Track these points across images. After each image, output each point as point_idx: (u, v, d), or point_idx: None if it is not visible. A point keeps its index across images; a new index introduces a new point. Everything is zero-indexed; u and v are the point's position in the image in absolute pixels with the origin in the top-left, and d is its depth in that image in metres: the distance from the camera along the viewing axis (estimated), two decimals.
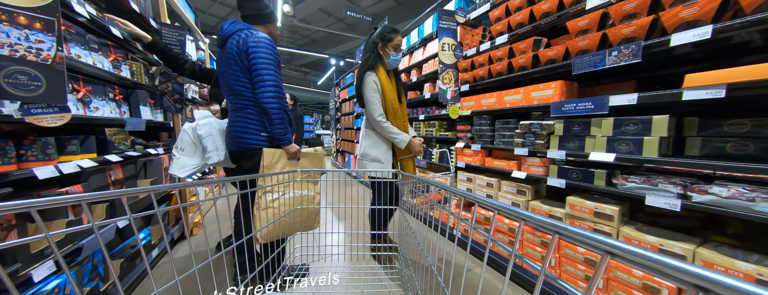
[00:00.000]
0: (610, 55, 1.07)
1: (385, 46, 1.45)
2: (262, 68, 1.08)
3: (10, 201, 0.35)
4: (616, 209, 1.11)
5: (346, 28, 8.90)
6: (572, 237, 0.27)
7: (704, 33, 0.83)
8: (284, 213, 1.13)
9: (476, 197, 0.43)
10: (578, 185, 1.23)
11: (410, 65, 2.71)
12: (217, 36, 1.17)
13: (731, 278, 0.17)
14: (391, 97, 1.46)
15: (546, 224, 0.31)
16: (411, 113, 2.78)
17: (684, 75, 1.10)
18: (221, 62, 1.18)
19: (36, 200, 0.36)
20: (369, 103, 1.45)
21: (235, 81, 1.13)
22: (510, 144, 1.61)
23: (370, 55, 1.48)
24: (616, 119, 1.09)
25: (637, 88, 1.29)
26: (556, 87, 1.32)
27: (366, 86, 1.45)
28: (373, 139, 1.54)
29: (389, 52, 1.46)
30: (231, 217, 0.83)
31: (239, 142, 1.18)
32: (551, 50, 1.32)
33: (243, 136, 1.17)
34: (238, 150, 1.20)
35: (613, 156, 1.08)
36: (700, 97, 0.85)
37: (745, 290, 0.16)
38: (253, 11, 1.19)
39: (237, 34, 1.12)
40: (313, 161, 1.30)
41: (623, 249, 0.22)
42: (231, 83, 1.14)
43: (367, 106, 1.46)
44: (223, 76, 1.17)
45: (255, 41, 1.08)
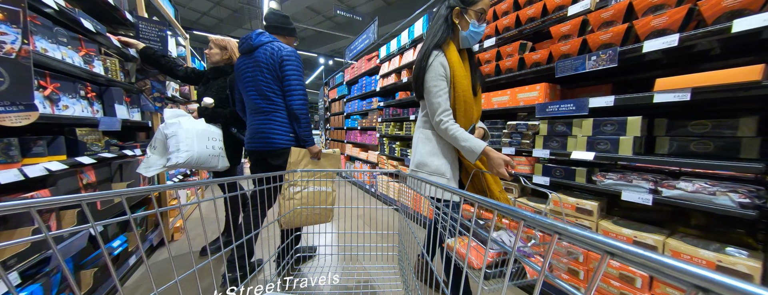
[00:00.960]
0: (590, 59, 1.13)
1: (465, 12, 0.99)
2: (293, 79, 1.28)
3: (9, 201, 0.35)
4: (596, 204, 1.18)
5: (335, 27, 8.80)
6: (572, 237, 0.27)
7: (672, 40, 0.91)
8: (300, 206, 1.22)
9: (476, 197, 0.44)
10: (561, 182, 1.30)
11: (401, 66, 2.73)
12: (244, 43, 1.32)
13: (731, 278, 0.17)
14: (464, 88, 0.99)
15: (546, 224, 0.30)
16: (402, 113, 2.81)
17: (655, 79, 1.19)
18: (247, 67, 1.31)
19: (36, 200, 0.36)
20: (431, 94, 0.99)
21: (265, 87, 1.29)
22: (498, 143, 1.66)
23: (441, 25, 1.01)
24: (595, 120, 1.16)
25: (612, 91, 1.38)
26: (541, 89, 1.38)
27: (430, 71, 0.99)
28: (433, 144, 1.05)
29: (469, 21, 1.00)
30: (217, 219, 0.82)
31: (269, 142, 1.32)
32: (536, 54, 1.38)
33: (273, 136, 1.32)
34: (267, 149, 1.34)
35: (593, 155, 1.14)
36: (668, 100, 0.92)
37: (745, 290, 0.16)
38: (279, 24, 1.38)
39: (268, 46, 1.28)
40: (331, 160, 1.44)
41: (623, 249, 0.22)
42: (261, 88, 1.29)
43: (428, 98, 1.01)
44: (251, 80, 1.30)
45: (288, 55, 1.28)
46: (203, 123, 1.61)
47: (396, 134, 2.81)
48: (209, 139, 1.56)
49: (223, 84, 1.72)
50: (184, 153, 1.39)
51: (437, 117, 0.99)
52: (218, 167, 1.61)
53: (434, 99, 0.99)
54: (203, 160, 1.50)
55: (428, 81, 1.00)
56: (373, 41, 3.51)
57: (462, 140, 0.96)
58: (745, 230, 1.02)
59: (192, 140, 1.46)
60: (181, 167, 1.43)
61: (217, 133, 1.63)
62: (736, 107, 1.01)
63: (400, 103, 2.84)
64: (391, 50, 2.94)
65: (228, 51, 1.71)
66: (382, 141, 3.14)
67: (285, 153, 1.31)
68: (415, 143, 1.13)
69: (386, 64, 3.07)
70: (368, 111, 3.57)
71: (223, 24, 8.64)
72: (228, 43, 1.72)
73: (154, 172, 1.37)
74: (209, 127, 1.60)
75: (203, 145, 1.51)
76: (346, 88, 4.41)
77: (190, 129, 1.49)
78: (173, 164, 1.37)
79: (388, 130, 2.92)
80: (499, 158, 0.92)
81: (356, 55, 4.11)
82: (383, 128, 3.04)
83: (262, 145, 1.33)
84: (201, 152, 1.47)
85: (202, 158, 1.48)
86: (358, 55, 4.03)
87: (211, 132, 1.59)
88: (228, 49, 1.71)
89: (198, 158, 1.46)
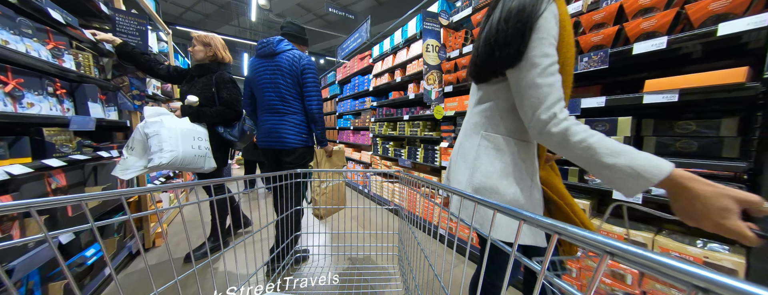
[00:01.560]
0: (582, 60, 1.15)
1: None
2: (312, 86, 1.43)
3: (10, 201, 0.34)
4: (588, 203, 1.20)
5: (326, 26, 8.69)
6: (572, 237, 0.27)
7: (660, 43, 0.93)
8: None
9: (476, 197, 0.42)
10: None
11: (394, 65, 2.71)
12: (264, 48, 1.42)
13: (731, 278, 0.17)
14: (572, 62, 0.60)
15: (546, 224, 0.30)
16: (396, 113, 2.79)
17: (643, 80, 1.22)
18: (266, 69, 1.42)
19: (36, 200, 0.35)
20: (534, 71, 0.52)
21: (285, 90, 1.41)
22: None
23: None
24: (587, 120, 1.18)
25: (601, 92, 1.42)
26: None
27: (539, 30, 0.52)
28: (508, 159, 0.63)
29: None
30: (203, 223, 0.78)
31: (282, 141, 1.44)
32: None
33: (287, 136, 1.44)
34: (279, 148, 1.46)
35: None
36: (657, 101, 0.95)
37: (745, 290, 0.16)
38: (296, 33, 1.52)
39: (290, 53, 1.40)
40: (339, 155, 1.76)
41: (623, 249, 0.23)
42: (281, 91, 1.41)
43: (525, 77, 0.53)
44: (271, 82, 1.41)
45: (308, 64, 1.42)
46: (188, 122, 1.53)
47: (389, 134, 2.79)
48: (195, 138, 1.49)
49: (208, 82, 1.65)
50: (167, 153, 1.32)
51: (547, 112, 0.51)
52: (204, 169, 1.53)
53: (541, 79, 0.52)
54: (189, 160, 1.42)
55: (533, 47, 0.52)
56: (365, 40, 3.47)
57: (608, 154, 0.47)
58: None
59: (176, 140, 1.39)
60: (165, 168, 1.36)
61: (203, 132, 1.55)
62: (718, 109, 1.05)
63: (394, 103, 2.82)
64: (384, 49, 2.91)
65: (212, 48, 1.64)
66: (375, 141, 3.11)
67: (296, 152, 1.45)
68: (473, 154, 0.65)
69: (379, 63, 3.04)
70: (361, 111, 3.53)
71: (209, 20, 8.34)
72: (212, 39, 1.65)
73: (132, 174, 1.29)
74: (194, 127, 1.52)
75: (188, 145, 1.43)
76: (338, 87, 4.35)
77: (174, 128, 1.42)
78: (156, 164, 1.29)
79: (382, 131, 2.89)
80: (722, 196, 0.39)
81: (348, 54, 4.06)
82: (376, 128, 3.01)
83: (276, 144, 1.46)
84: (186, 152, 1.40)
85: (188, 158, 1.41)
86: (351, 54, 3.98)
87: (196, 131, 1.51)
88: (212, 46, 1.64)
89: (183, 159, 1.38)
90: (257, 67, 1.44)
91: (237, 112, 1.65)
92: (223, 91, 1.61)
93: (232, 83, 1.67)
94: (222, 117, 1.62)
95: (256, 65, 1.45)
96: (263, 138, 1.48)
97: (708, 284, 0.17)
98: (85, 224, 0.42)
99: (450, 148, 1.97)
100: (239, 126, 1.68)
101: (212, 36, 1.67)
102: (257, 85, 1.45)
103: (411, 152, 2.46)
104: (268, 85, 1.42)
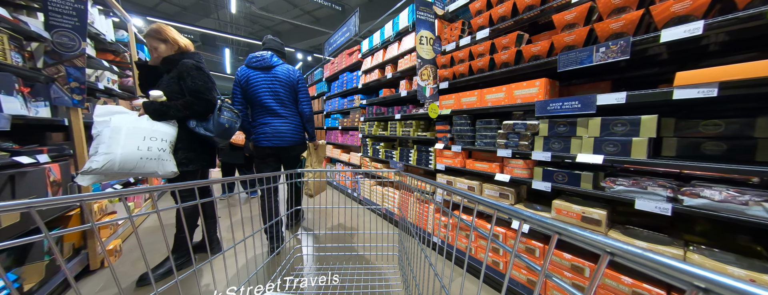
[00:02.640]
0: (598, 51, 1.01)
1: None
2: (305, 94, 1.77)
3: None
4: (604, 212, 1.06)
5: (313, 22, 8.37)
6: (572, 237, 0.27)
7: (696, 28, 0.79)
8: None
9: (476, 197, 0.43)
10: (564, 188, 1.17)
11: (384, 60, 2.52)
12: (260, 62, 1.67)
13: (730, 278, 0.18)
14: None
15: (546, 225, 0.30)
16: (387, 112, 2.60)
17: (657, 76, 1.10)
18: (265, 80, 1.67)
19: (36, 200, 0.36)
20: None
21: (285, 97, 1.70)
22: (492, 145, 1.52)
23: None
24: (604, 119, 1.04)
25: (612, 89, 1.29)
26: (541, 85, 1.25)
27: None
28: None
29: None
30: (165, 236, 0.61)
31: (287, 139, 1.71)
32: (535, 46, 1.25)
33: (290, 136, 1.72)
34: (284, 145, 1.71)
35: (602, 158, 1.02)
36: (691, 96, 0.81)
37: (745, 290, 0.17)
38: (280, 49, 1.81)
39: (283, 66, 1.71)
40: (322, 147, 2.06)
41: (623, 249, 0.23)
42: (281, 98, 1.69)
43: None
44: (270, 91, 1.67)
45: (300, 76, 1.75)
46: (145, 120, 1.30)
47: (380, 135, 2.60)
48: (146, 138, 1.25)
49: (173, 75, 1.43)
50: (100, 156, 1.12)
51: None
52: (159, 173, 1.29)
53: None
54: (132, 164, 1.18)
55: None
56: (354, 34, 3.26)
57: None
58: (751, 238, 0.96)
59: (117, 140, 1.17)
60: (99, 173, 1.12)
61: (164, 132, 1.32)
62: (751, 106, 0.94)
63: (384, 101, 2.63)
64: (374, 44, 2.72)
65: (171, 41, 1.45)
66: (364, 142, 2.91)
67: (296, 146, 1.77)
68: None
69: (369, 59, 2.84)
70: (350, 110, 3.32)
71: (186, 12, 7.80)
72: (167, 33, 1.45)
73: (88, 181, 1.14)
74: (152, 125, 1.30)
75: (133, 146, 1.20)
76: (325, 85, 4.11)
77: (120, 127, 1.20)
78: (86, 169, 1.10)
79: (371, 131, 2.70)
80: None
81: (336, 49, 3.83)
82: (366, 128, 2.81)
83: (281, 142, 1.69)
84: (128, 155, 1.16)
85: (130, 161, 1.17)
86: (338, 50, 3.75)
87: (151, 130, 1.28)
88: (170, 40, 1.44)
89: (123, 162, 1.15)
90: (254, 77, 1.65)
91: (206, 101, 1.43)
92: (188, 79, 1.39)
93: (197, 70, 1.43)
94: (190, 109, 1.40)
95: (252, 75, 1.66)
96: (269, 138, 1.68)
97: (708, 284, 0.18)
98: None
99: (446, 150, 1.81)
100: (214, 119, 1.45)
101: (165, 28, 1.46)
102: (255, 92, 1.65)
103: (403, 154, 2.28)
104: (268, 93, 1.66)
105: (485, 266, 0.40)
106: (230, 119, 1.53)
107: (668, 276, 0.20)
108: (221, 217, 2.48)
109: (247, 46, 9.73)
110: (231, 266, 1.39)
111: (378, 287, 1.19)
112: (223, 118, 1.49)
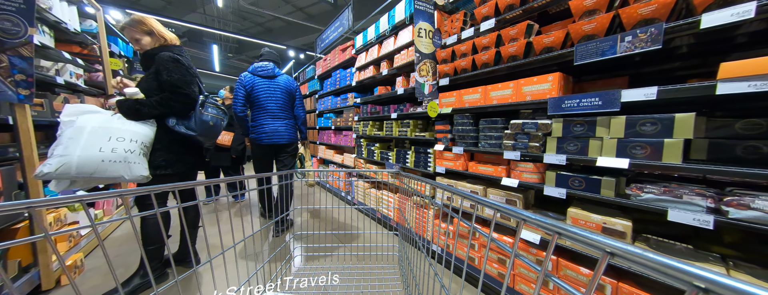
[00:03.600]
0: (623, 40, 0.89)
1: None
2: (300, 100, 2.13)
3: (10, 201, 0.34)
4: (629, 223, 0.94)
5: (307, 19, 8.14)
6: (572, 237, 0.27)
7: (746, 11, 0.68)
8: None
9: (476, 197, 0.41)
10: (581, 195, 1.05)
11: (380, 56, 2.38)
12: (265, 71, 1.96)
13: (730, 279, 0.17)
14: None
15: (546, 224, 0.30)
16: (382, 111, 2.45)
17: (679, 71, 0.98)
18: (269, 87, 1.96)
19: (36, 199, 0.35)
20: None
21: (284, 103, 2.01)
22: (498, 147, 1.39)
23: None
24: (630, 118, 0.92)
25: (629, 85, 1.18)
26: (554, 80, 1.13)
27: None
28: None
29: None
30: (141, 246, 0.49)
31: (286, 137, 2.00)
32: (548, 36, 1.12)
33: (288, 134, 2.02)
34: (282, 142, 1.99)
35: (627, 161, 0.90)
36: (740, 91, 0.69)
37: (745, 290, 0.17)
38: (278, 60, 2.11)
39: (284, 76, 2.05)
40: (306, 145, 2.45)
41: (624, 249, 0.23)
42: (281, 103, 2.00)
43: None
44: (273, 97, 1.96)
45: (297, 85, 2.12)
46: (115, 120, 1.17)
47: (375, 135, 2.45)
48: (112, 139, 1.12)
49: (152, 70, 1.30)
50: (55, 159, 0.99)
51: None
52: (126, 178, 1.12)
53: None
54: (91, 168, 1.04)
55: None
56: (347, 29, 3.10)
57: None
58: None
59: (77, 141, 1.05)
60: (54, 178, 1.00)
61: (135, 132, 1.18)
62: None
63: (380, 99, 2.48)
64: (368, 39, 2.57)
65: (156, 33, 1.34)
66: (359, 142, 2.75)
67: (292, 144, 2.06)
68: None
69: (363, 54, 2.69)
70: (343, 109, 3.15)
71: (171, 6, 7.46)
72: (151, 25, 1.33)
73: (61, 187, 1.08)
74: (123, 125, 1.16)
75: (95, 148, 1.06)
76: (318, 83, 3.93)
77: (83, 127, 1.08)
78: (38, 174, 0.97)
79: (366, 131, 2.55)
80: None
81: (328, 45, 3.66)
82: (360, 128, 2.66)
83: (279, 139, 1.97)
84: (87, 157, 1.03)
85: (89, 165, 1.03)
86: (331, 46, 3.58)
87: (119, 130, 1.14)
88: (155, 33, 1.33)
89: (80, 166, 1.03)
90: (260, 84, 1.94)
91: (184, 95, 1.28)
92: (164, 73, 1.26)
93: (174, 62, 1.28)
94: (166, 105, 1.25)
95: (257, 82, 1.94)
96: (269, 136, 1.96)
97: (708, 284, 0.18)
98: None
99: (446, 151, 1.68)
100: (197, 116, 1.31)
101: (148, 19, 1.33)
102: (259, 96, 1.93)
103: (400, 155, 2.13)
104: (271, 98, 1.95)
105: (486, 259, 0.40)
106: (215, 117, 1.38)
107: (668, 276, 0.20)
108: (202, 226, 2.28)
109: (236, 43, 9.39)
110: (231, 266, 1.33)
111: (378, 287, 1.17)
112: (207, 116, 1.35)
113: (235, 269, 1.08)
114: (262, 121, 1.95)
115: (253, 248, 1.03)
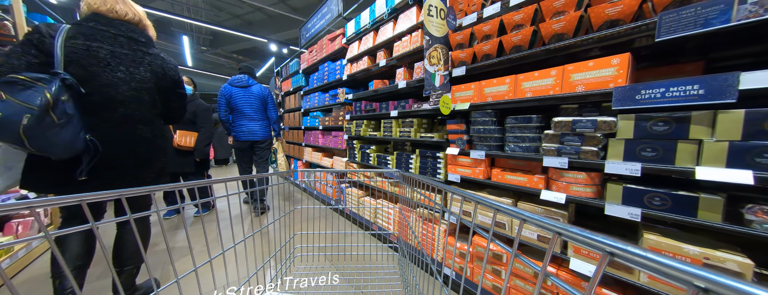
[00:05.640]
0: (745, 2, 0.62)
1: None
2: (272, 104, 2.54)
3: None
4: (748, 261, 0.67)
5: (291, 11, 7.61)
6: (573, 237, 0.27)
7: None
8: None
9: (476, 197, 0.41)
10: (665, 217, 0.77)
11: (376, 45, 2.04)
12: (241, 82, 2.38)
13: (731, 279, 0.17)
14: None
15: (546, 224, 0.30)
16: (378, 109, 2.11)
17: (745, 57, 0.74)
18: (246, 95, 2.39)
19: (36, 199, 0.35)
20: None
21: (258, 107, 2.44)
22: (534, 151, 1.11)
23: None
24: (751, 113, 0.65)
25: (704, 72, 0.94)
26: (622, 63, 0.85)
27: None
28: None
29: None
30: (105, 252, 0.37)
31: (259, 134, 2.45)
32: (613, 5, 0.85)
33: (265, 133, 2.50)
34: (256, 139, 2.45)
35: (751, 174, 0.64)
36: None
37: (745, 290, 0.16)
38: (252, 71, 2.55)
39: (257, 85, 2.47)
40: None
41: (625, 249, 0.22)
42: (255, 108, 2.43)
43: None
44: (248, 103, 2.40)
45: (270, 92, 2.53)
46: None
47: (370, 136, 2.10)
48: None
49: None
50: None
51: None
52: None
53: None
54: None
55: None
56: (336, 16, 2.73)
57: None
58: None
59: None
60: None
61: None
62: None
63: (376, 94, 2.14)
64: (362, 25, 2.22)
65: None
66: (351, 144, 2.40)
67: (265, 141, 2.52)
68: None
69: (355, 44, 2.34)
70: (332, 106, 2.78)
71: None
72: None
73: None
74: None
75: None
76: (303, 78, 3.51)
77: None
78: None
79: (360, 131, 2.20)
80: None
81: (314, 36, 3.26)
82: (353, 128, 2.30)
83: (254, 137, 2.43)
84: None
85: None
86: (317, 36, 3.19)
87: None
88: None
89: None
90: (237, 93, 2.36)
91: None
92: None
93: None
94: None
95: (234, 91, 2.36)
96: (246, 134, 2.40)
97: (709, 284, 0.18)
98: None
99: (462, 156, 1.37)
100: None
101: None
102: (237, 103, 2.36)
103: (401, 160, 1.81)
104: (246, 104, 2.38)
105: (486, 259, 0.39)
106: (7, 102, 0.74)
107: (669, 276, 0.19)
108: (153, 245, 1.82)
109: (210, 35, 8.59)
110: (231, 266, 1.04)
111: (378, 287, 1.16)
112: None
113: (235, 269, 1.01)
114: (240, 123, 2.40)
115: (253, 248, 0.97)
